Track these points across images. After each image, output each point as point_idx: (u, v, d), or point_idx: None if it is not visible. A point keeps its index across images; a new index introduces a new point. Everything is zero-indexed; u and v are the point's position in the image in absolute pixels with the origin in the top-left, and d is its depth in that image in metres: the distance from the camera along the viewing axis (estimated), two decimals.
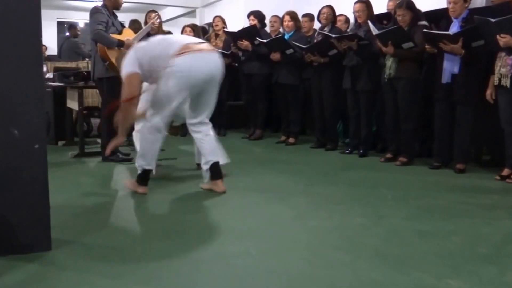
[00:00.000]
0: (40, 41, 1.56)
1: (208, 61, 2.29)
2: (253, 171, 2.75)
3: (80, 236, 1.79)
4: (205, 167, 2.42)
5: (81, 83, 3.61)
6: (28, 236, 1.60)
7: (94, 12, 3.13)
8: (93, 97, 4.71)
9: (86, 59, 6.05)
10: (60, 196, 2.37)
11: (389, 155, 3.35)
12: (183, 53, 2.19)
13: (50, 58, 6.87)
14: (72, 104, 3.79)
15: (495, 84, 2.78)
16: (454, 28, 2.95)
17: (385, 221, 2.02)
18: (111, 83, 3.10)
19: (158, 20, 3.71)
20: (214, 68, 2.30)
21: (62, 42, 6.94)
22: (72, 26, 6.65)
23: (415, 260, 1.59)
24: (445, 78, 2.99)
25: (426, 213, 2.16)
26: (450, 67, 2.97)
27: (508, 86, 2.68)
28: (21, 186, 1.58)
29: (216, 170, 2.40)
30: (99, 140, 3.77)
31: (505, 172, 2.80)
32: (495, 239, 1.82)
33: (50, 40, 8.62)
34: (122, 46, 3.15)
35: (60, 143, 4.11)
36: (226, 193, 2.40)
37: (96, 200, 2.37)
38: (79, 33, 6.43)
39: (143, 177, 2.38)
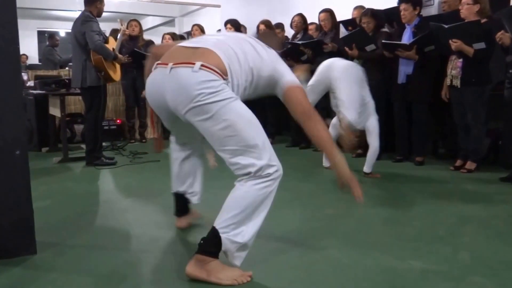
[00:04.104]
0: (18, 49, 1.51)
1: (157, 81, 1.35)
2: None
3: (65, 239, 1.74)
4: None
5: (63, 90, 3.50)
6: (12, 241, 1.54)
7: (88, 20, 2.98)
8: (75, 104, 4.58)
9: (69, 65, 5.88)
10: (46, 201, 2.29)
11: (360, 151, 3.43)
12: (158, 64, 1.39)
13: (32, 66, 6.63)
14: (55, 111, 3.67)
15: (448, 84, 2.91)
16: (406, 35, 3.08)
17: (354, 211, 2.08)
18: (103, 90, 3.12)
19: (125, 26, 3.64)
20: (162, 92, 1.33)
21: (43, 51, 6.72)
22: (51, 36, 6.43)
23: (380, 244, 1.64)
24: (401, 79, 3.12)
25: (390, 202, 2.23)
26: (405, 69, 3.10)
27: (459, 86, 2.82)
28: (4, 191, 1.52)
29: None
30: (83, 146, 3.67)
31: (458, 163, 2.94)
32: (450, 222, 1.90)
33: (31, 49, 8.29)
34: (116, 59, 3.11)
35: (43, 149, 3.97)
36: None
37: (80, 203, 2.30)
38: (57, 42, 6.20)
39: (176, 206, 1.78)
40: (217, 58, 1.29)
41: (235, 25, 4.54)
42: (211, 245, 1.25)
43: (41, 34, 8.94)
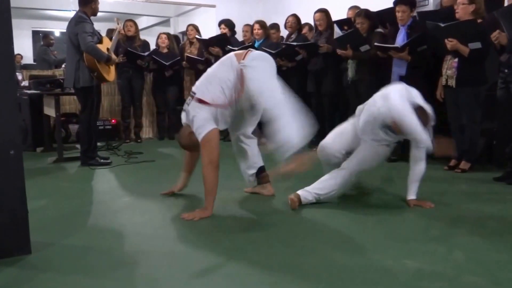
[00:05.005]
0: (12, 48, 1.50)
1: None
2: (229, 170, 2.76)
3: (60, 239, 1.73)
4: (250, 171, 2.30)
5: (58, 90, 3.48)
6: (7, 241, 1.53)
7: (81, 21, 2.96)
8: (70, 103, 4.55)
9: (63, 65, 5.84)
10: (40, 201, 2.28)
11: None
12: (246, 53, 2.02)
13: (26, 66, 6.57)
14: (49, 111, 3.65)
15: (443, 84, 2.93)
16: (401, 36, 3.11)
17: (348, 211, 2.08)
18: (97, 90, 3.11)
19: (121, 25, 3.63)
20: None
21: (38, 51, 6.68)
22: (45, 35, 6.39)
23: (374, 244, 1.65)
24: (394, 80, 3.14)
25: (384, 202, 2.24)
26: (398, 69, 3.12)
27: (454, 86, 2.84)
28: None
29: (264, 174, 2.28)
30: (78, 146, 3.65)
31: (452, 162, 2.96)
32: (444, 222, 1.91)
33: (25, 49, 8.21)
34: (109, 61, 3.09)
35: (38, 149, 3.94)
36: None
37: (75, 203, 2.29)
38: (52, 41, 6.15)
39: None
40: None
41: (229, 26, 4.55)
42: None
43: (35, 33, 8.87)
